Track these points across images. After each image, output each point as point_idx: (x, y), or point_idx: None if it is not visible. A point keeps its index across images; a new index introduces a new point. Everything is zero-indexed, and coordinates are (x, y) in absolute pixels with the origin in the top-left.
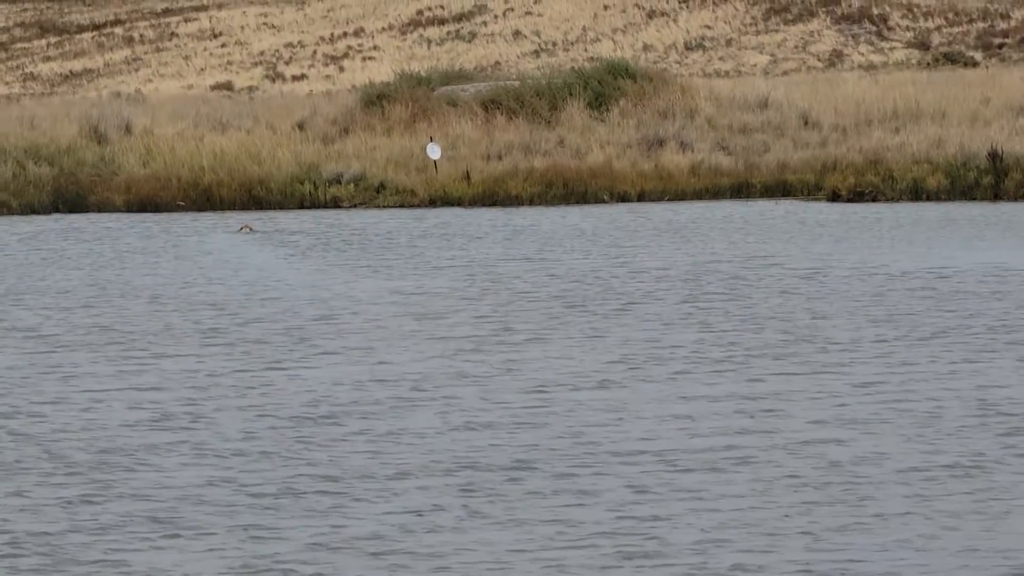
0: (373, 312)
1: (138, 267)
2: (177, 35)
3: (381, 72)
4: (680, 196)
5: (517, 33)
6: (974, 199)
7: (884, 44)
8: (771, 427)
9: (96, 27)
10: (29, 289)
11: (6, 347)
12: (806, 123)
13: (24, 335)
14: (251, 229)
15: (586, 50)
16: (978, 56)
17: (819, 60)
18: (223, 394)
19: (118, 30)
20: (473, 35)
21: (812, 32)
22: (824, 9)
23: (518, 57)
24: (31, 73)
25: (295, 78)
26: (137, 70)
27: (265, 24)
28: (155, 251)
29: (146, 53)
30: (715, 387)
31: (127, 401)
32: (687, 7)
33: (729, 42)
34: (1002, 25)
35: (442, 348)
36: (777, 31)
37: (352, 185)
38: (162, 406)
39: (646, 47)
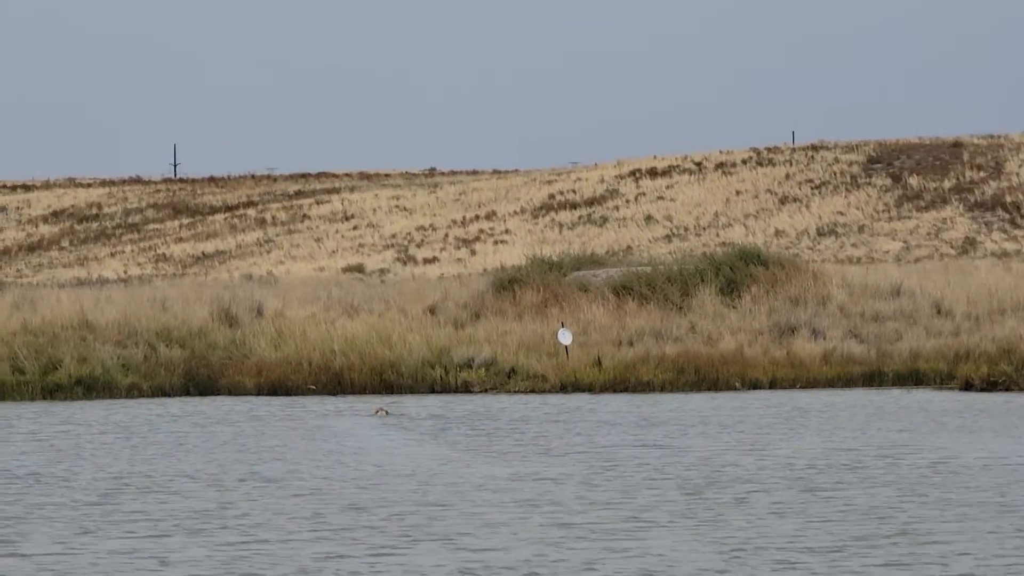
0: (489, 497)
1: (264, 451)
2: (309, 217)
3: (512, 255)
4: (812, 384)
5: (649, 218)
6: None
7: (1018, 232)
8: None
9: (228, 208)
10: (150, 472)
11: (116, 529)
12: (939, 311)
13: (133, 518)
14: (386, 412)
15: (718, 235)
16: None
17: (952, 247)
18: None
19: (250, 212)
20: (605, 219)
21: (945, 219)
22: (957, 196)
23: (650, 242)
24: (163, 254)
25: (427, 261)
26: (269, 252)
27: (397, 207)
28: (283, 435)
29: (278, 235)
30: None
31: None
32: (819, 193)
33: (862, 228)
34: None
35: (546, 535)
36: (910, 218)
37: (483, 370)
38: None
39: (778, 232)
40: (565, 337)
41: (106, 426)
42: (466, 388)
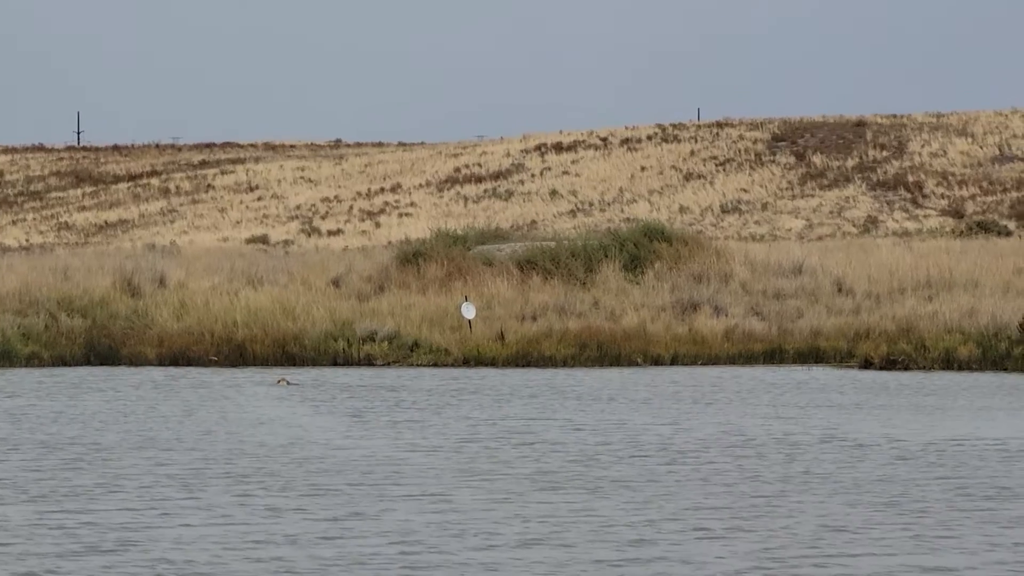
0: (361, 466)
1: (160, 421)
2: (213, 187)
3: (417, 228)
4: (713, 360)
5: (554, 192)
6: (1005, 369)
7: (919, 211)
8: None
9: (132, 177)
10: (34, 441)
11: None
12: (840, 290)
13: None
14: (287, 382)
15: (622, 211)
16: (1011, 225)
17: (854, 226)
18: (199, 543)
19: (154, 181)
20: (510, 193)
21: (847, 198)
22: (860, 175)
23: (554, 216)
24: (66, 223)
25: (331, 233)
26: (173, 221)
27: (302, 178)
28: (180, 405)
29: (182, 205)
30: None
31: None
32: (724, 170)
33: (765, 206)
34: None
35: (416, 506)
36: (813, 196)
37: (386, 343)
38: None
39: (682, 209)
40: (468, 311)
41: None
42: (369, 361)
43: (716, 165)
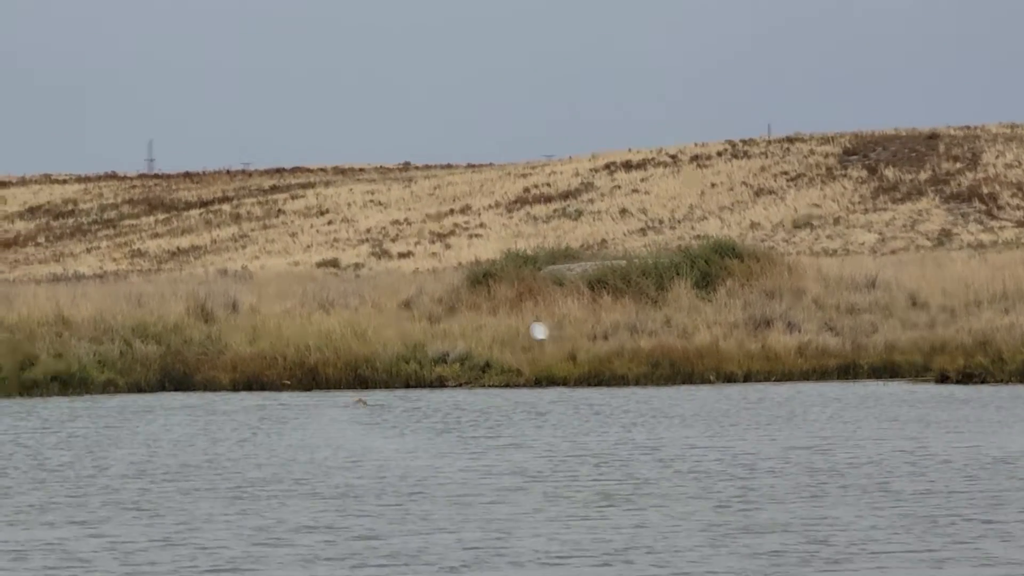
0: (427, 489)
1: (231, 443)
2: (284, 212)
3: (487, 249)
4: (787, 377)
5: (624, 211)
6: None
7: (993, 223)
8: None
9: (204, 204)
10: (121, 464)
11: (73, 519)
12: (914, 304)
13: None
14: (365, 403)
15: (693, 228)
16: None
17: (927, 239)
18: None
19: (225, 207)
20: (580, 213)
21: (921, 211)
22: (933, 188)
23: (625, 235)
24: (139, 250)
25: (401, 255)
26: (244, 247)
27: (372, 201)
28: (254, 429)
29: (253, 230)
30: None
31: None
32: (795, 185)
33: (837, 220)
34: None
35: (474, 526)
36: (886, 209)
37: (458, 364)
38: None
39: (753, 225)
40: (539, 331)
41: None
42: (441, 383)
43: (787, 180)
